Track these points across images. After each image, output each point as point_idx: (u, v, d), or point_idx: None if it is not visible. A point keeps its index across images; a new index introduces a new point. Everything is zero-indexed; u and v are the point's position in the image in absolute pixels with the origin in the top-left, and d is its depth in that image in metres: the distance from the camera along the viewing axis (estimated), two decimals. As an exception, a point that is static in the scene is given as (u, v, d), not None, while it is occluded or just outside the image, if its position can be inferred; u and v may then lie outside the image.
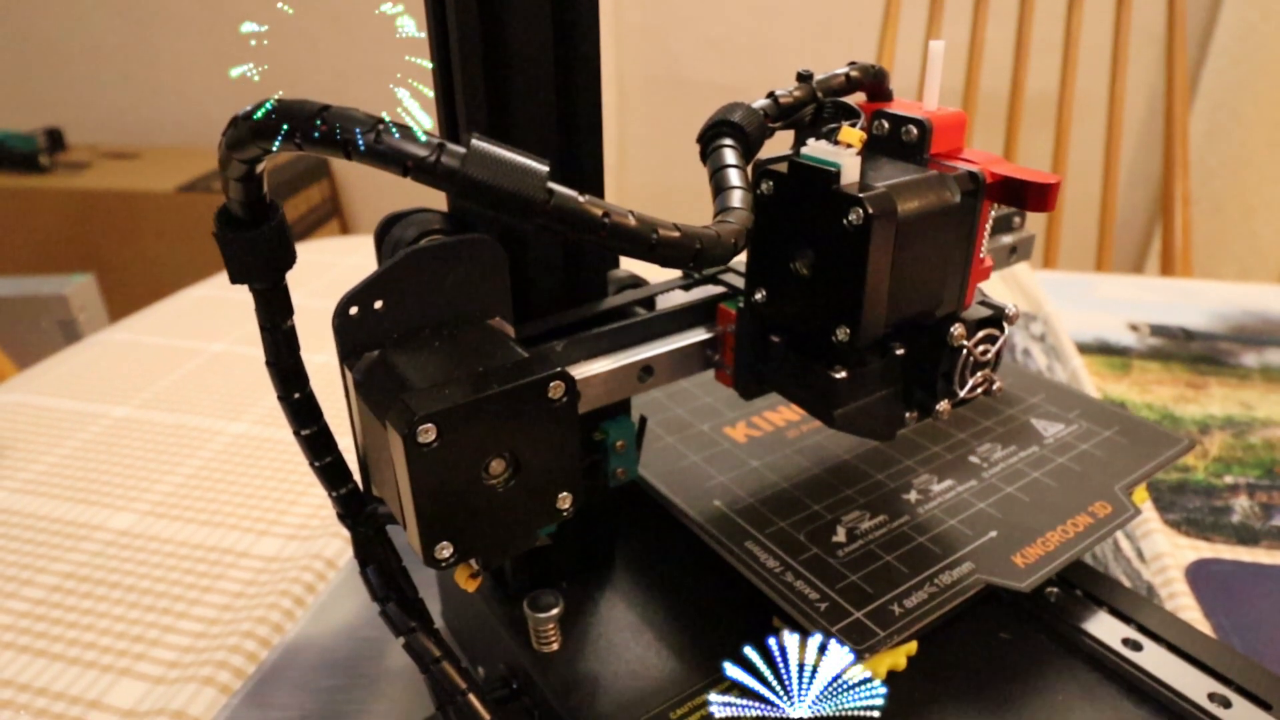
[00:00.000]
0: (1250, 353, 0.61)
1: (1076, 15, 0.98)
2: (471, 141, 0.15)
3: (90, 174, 1.55)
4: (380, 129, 0.15)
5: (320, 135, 0.15)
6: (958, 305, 0.25)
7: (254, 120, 0.15)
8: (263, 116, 0.15)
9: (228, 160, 0.17)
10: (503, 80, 0.23)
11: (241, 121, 0.16)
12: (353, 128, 0.15)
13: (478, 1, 0.21)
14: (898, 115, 0.24)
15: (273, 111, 0.15)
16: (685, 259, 0.17)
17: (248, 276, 0.19)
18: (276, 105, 0.15)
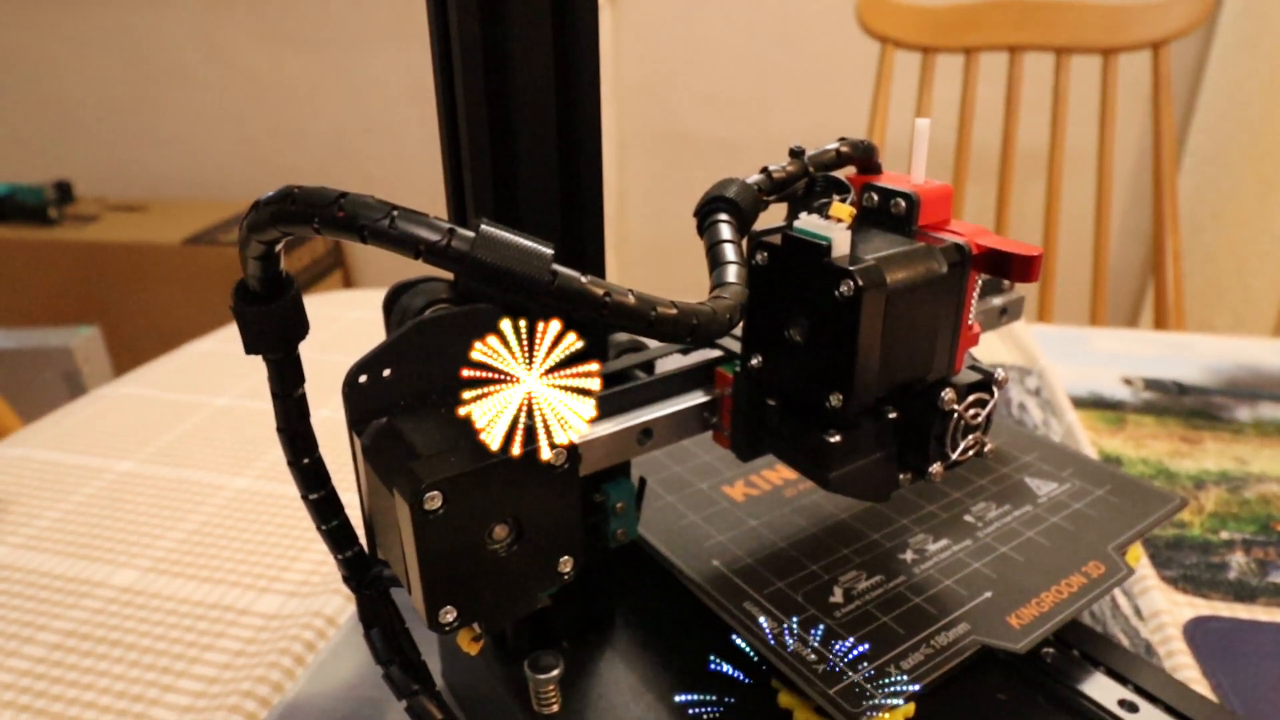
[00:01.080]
0: (1243, 406, 0.61)
1: (1064, 74, 1.00)
2: (480, 227, 0.16)
3: (98, 226, 1.57)
4: (394, 215, 0.16)
5: (337, 221, 0.16)
6: (948, 370, 0.25)
7: (275, 206, 0.16)
8: (283, 203, 0.16)
9: (247, 240, 0.18)
10: (510, 155, 0.24)
11: (263, 206, 0.17)
12: (368, 214, 0.16)
13: (483, 56, 0.22)
14: (887, 189, 0.25)
15: (292, 198, 0.16)
16: (682, 335, 0.18)
17: (262, 347, 0.20)
18: (297, 193, 0.16)
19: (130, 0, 1.78)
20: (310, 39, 1.74)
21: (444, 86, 0.23)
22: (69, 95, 1.87)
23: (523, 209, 0.24)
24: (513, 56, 0.22)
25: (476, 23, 0.21)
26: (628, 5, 1.58)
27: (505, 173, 0.24)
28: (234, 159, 1.86)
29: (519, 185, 0.24)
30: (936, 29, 1.02)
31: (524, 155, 0.24)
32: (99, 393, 0.66)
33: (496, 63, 0.23)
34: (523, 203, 0.24)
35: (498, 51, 0.22)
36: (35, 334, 1.06)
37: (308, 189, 0.16)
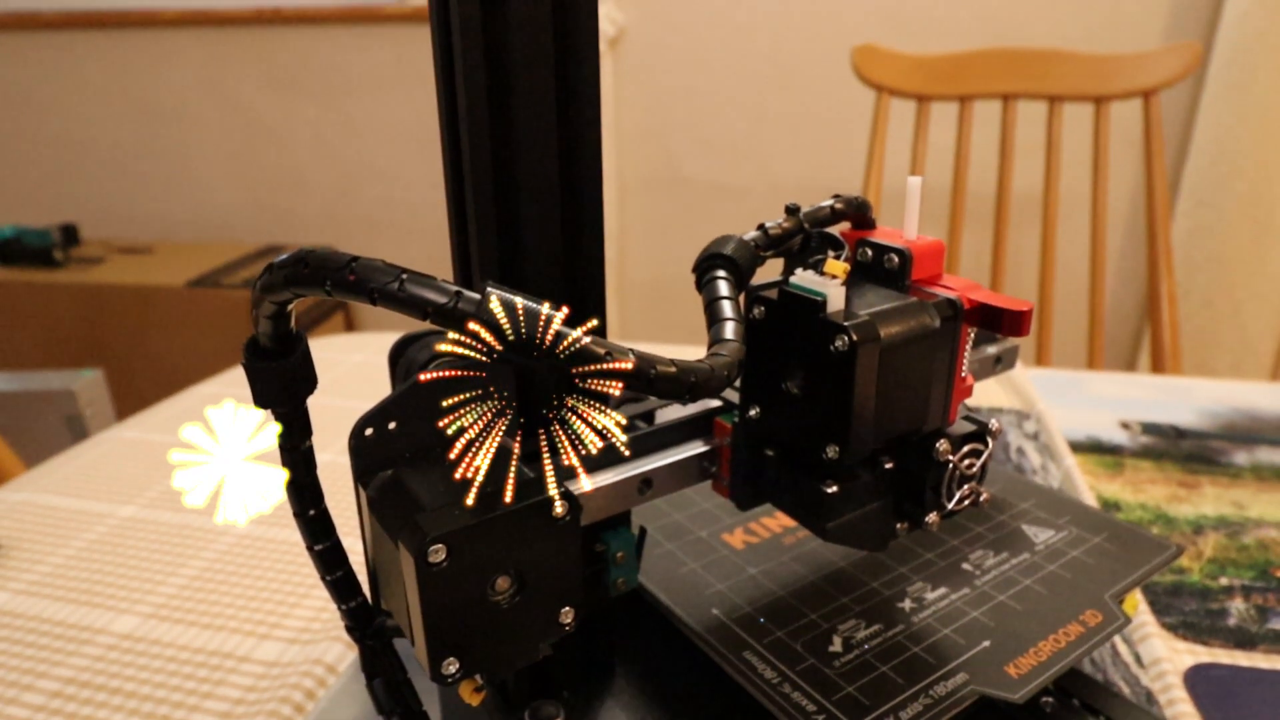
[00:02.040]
0: (1241, 451, 0.61)
1: (1056, 121, 1.02)
2: (487, 289, 0.17)
3: (103, 269, 1.59)
4: (403, 278, 0.17)
5: (348, 284, 0.17)
6: (942, 422, 0.26)
7: (289, 269, 0.17)
8: (296, 266, 0.17)
9: (260, 300, 0.18)
10: (513, 196, 0.24)
11: (277, 269, 0.17)
12: (378, 278, 0.17)
13: (487, 101, 0.23)
14: (880, 244, 0.26)
15: (305, 262, 0.17)
16: (681, 393, 0.19)
17: (272, 402, 0.21)
18: (310, 257, 0.17)
19: (140, 47, 1.82)
20: (316, 85, 1.77)
21: (449, 123, 0.24)
22: (78, 139, 1.90)
23: (526, 246, 0.25)
24: (516, 104, 0.23)
25: (483, 72, 0.22)
26: (628, 51, 1.61)
27: (509, 211, 0.25)
28: (239, 202, 1.89)
29: (521, 225, 0.25)
30: (930, 78, 1.04)
31: (527, 198, 0.24)
32: (102, 436, 0.66)
33: (501, 109, 0.23)
34: (526, 240, 0.25)
35: (502, 98, 0.23)
36: (38, 376, 1.07)
37: (320, 252, 0.17)
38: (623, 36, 1.60)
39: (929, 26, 1.48)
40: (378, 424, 0.22)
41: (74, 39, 1.84)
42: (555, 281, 0.26)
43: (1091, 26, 1.43)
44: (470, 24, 0.22)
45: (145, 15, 1.79)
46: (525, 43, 0.23)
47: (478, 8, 0.22)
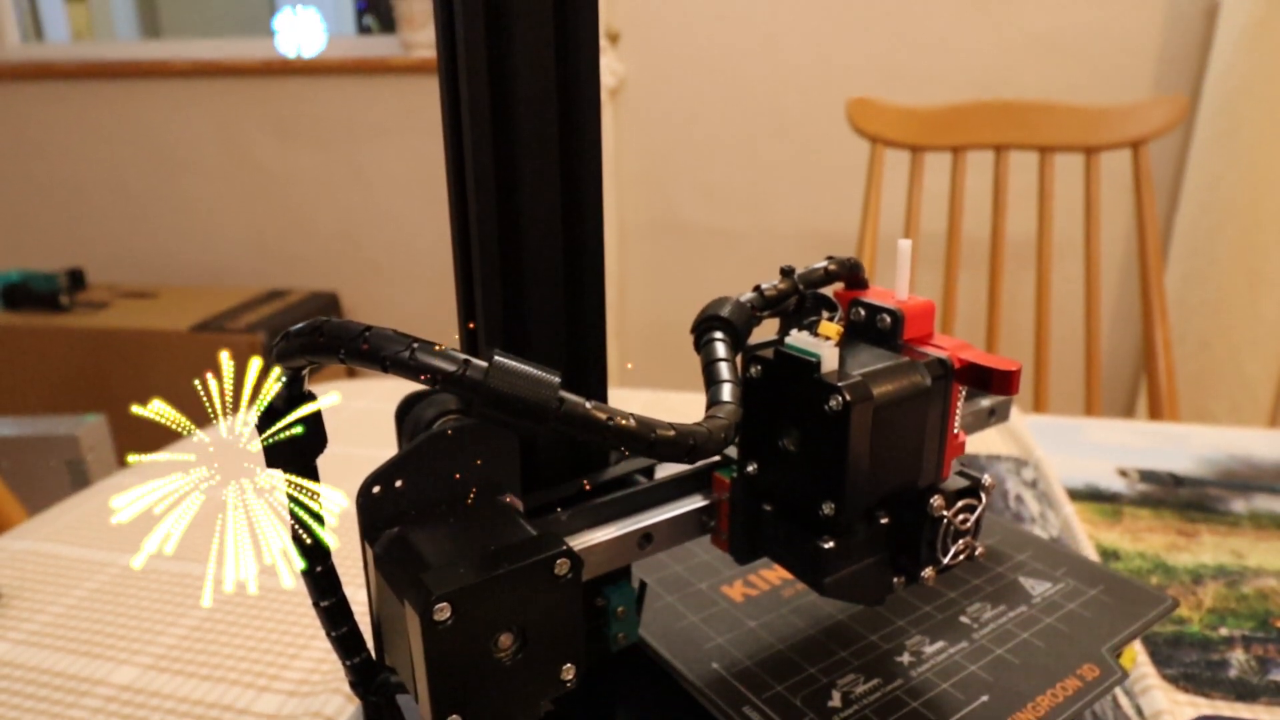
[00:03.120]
0: (1239, 499, 0.62)
1: (1048, 170, 1.04)
2: (494, 358, 0.18)
3: (108, 313, 1.60)
4: (414, 347, 0.17)
5: (362, 353, 0.17)
6: (936, 478, 0.26)
7: (305, 337, 0.18)
8: (312, 335, 0.17)
9: (275, 365, 0.19)
10: (517, 245, 0.25)
11: (293, 337, 0.18)
12: (390, 347, 0.17)
13: (493, 153, 0.24)
14: (873, 305, 0.27)
15: (321, 331, 0.17)
16: (680, 455, 0.19)
17: (283, 462, 0.21)
18: (326, 326, 0.17)
19: (153, 96, 1.85)
20: (322, 133, 1.81)
21: (455, 165, 0.25)
22: (87, 185, 1.93)
23: (529, 287, 0.26)
24: (521, 151, 0.24)
25: (488, 119, 0.24)
26: (628, 101, 1.64)
27: (512, 253, 0.26)
28: (244, 247, 1.91)
29: (525, 267, 0.26)
30: (924, 129, 1.06)
31: (530, 241, 0.26)
32: (104, 484, 0.67)
33: (505, 155, 0.25)
34: (529, 282, 0.26)
35: (507, 145, 0.24)
36: (41, 422, 1.08)
37: (335, 323, 0.18)
38: (623, 87, 1.64)
39: (922, 78, 1.52)
40: (385, 482, 0.22)
41: (88, 88, 1.87)
42: (557, 324, 0.26)
43: (1081, 79, 1.47)
44: (476, 73, 0.23)
45: (158, 66, 1.83)
46: (530, 91, 0.24)
47: (484, 58, 0.23)
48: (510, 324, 0.26)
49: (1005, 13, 1.46)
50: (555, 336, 0.26)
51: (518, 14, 0.24)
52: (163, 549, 0.47)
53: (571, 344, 0.27)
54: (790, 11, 1.53)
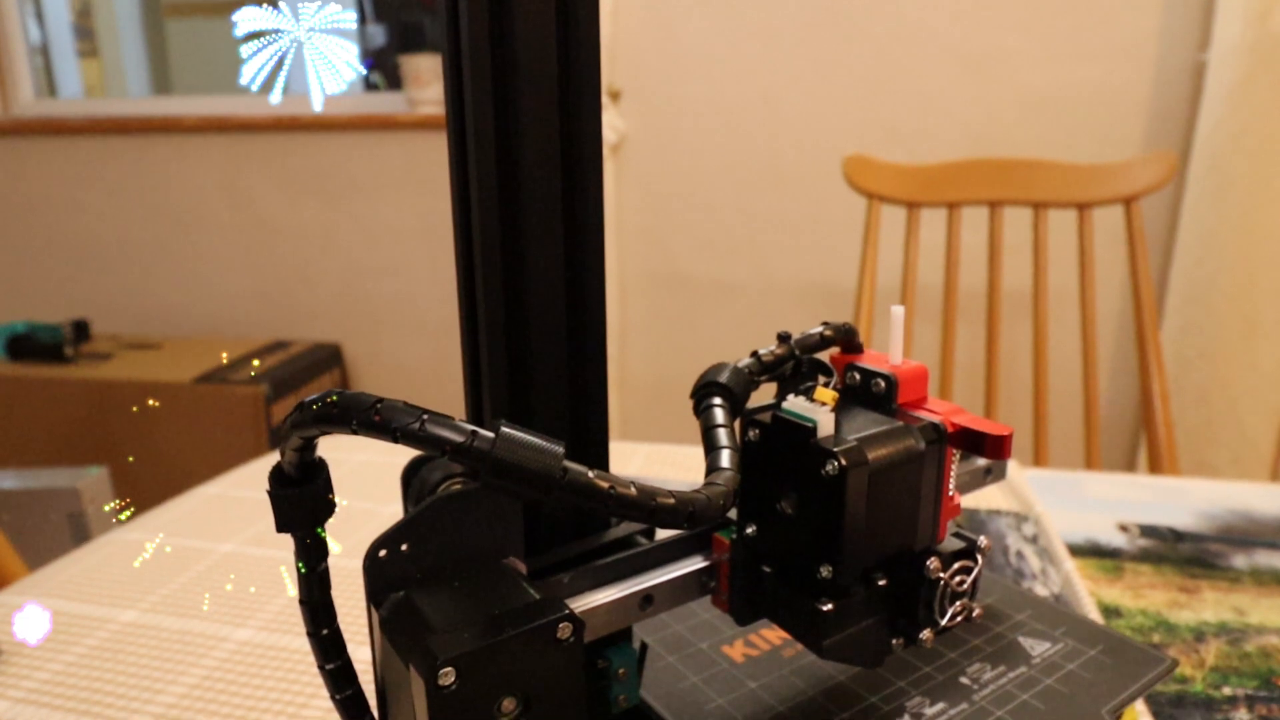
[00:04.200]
0: (1239, 554, 0.62)
1: (1042, 225, 1.06)
2: (500, 429, 0.18)
3: (111, 364, 1.61)
4: (424, 419, 0.18)
5: (374, 424, 0.18)
6: (932, 540, 0.27)
7: (318, 409, 0.18)
8: (326, 406, 0.18)
9: (289, 435, 0.20)
10: (520, 295, 0.26)
11: (307, 408, 0.19)
12: (401, 419, 0.18)
13: (500, 204, 0.25)
14: (868, 369, 0.27)
15: (334, 403, 0.18)
16: (680, 522, 0.20)
17: (293, 527, 0.22)
18: (339, 398, 0.18)
19: (161, 151, 1.89)
20: (327, 186, 1.84)
21: (462, 219, 0.26)
22: (95, 237, 1.96)
23: (532, 341, 0.27)
24: (525, 206, 0.26)
25: (494, 175, 0.25)
26: (629, 156, 1.68)
27: (516, 305, 0.27)
28: (248, 298, 1.93)
29: (529, 321, 0.27)
30: (919, 186, 1.08)
31: (535, 296, 0.27)
32: (105, 539, 0.67)
33: (510, 211, 0.26)
34: (533, 335, 0.27)
35: (512, 201, 0.25)
36: (43, 474, 1.08)
37: (348, 395, 0.18)
38: (624, 143, 1.67)
39: (917, 135, 1.55)
40: (391, 546, 0.23)
41: (99, 143, 1.91)
42: (559, 376, 0.27)
43: (1073, 136, 1.50)
44: (484, 130, 0.24)
45: (168, 121, 1.87)
46: (534, 147, 0.25)
47: (491, 116, 0.24)
48: (515, 375, 0.27)
49: (997, 72, 1.50)
50: (558, 387, 0.27)
51: (524, 74, 0.25)
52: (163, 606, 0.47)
53: (574, 398, 0.28)
54: (787, 70, 1.57)
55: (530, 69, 0.25)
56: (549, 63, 0.25)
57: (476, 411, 0.27)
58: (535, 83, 0.25)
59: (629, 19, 1.60)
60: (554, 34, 0.26)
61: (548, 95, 0.26)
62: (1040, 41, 1.48)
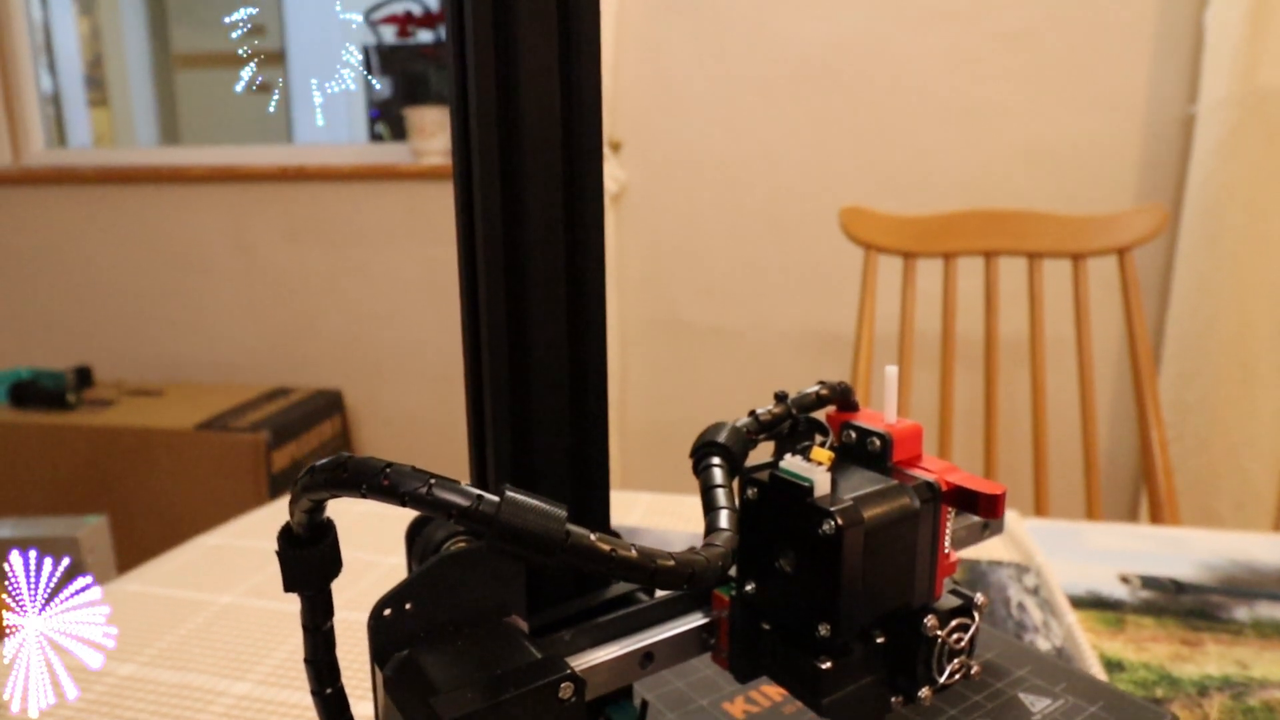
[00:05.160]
0: (1242, 606, 0.62)
1: (1037, 275, 1.07)
2: (505, 493, 0.19)
3: (113, 411, 1.62)
4: (431, 483, 0.19)
5: (383, 488, 0.19)
6: (929, 598, 0.27)
7: (329, 473, 0.19)
8: (336, 470, 0.19)
9: (299, 498, 0.20)
10: (523, 343, 0.27)
11: (318, 471, 0.19)
12: (409, 483, 0.19)
13: (504, 251, 0.26)
14: (863, 428, 0.28)
15: (344, 467, 0.19)
16: (680, 584, 0.20)
17: (301, 586, 0.22)
18: (349, 463, 0.19)
19: (168, 200, 1.92)
20: (331, 235, 1.86)
21: (468, 273, 0.27)
22: (100, 284, 1.98)
23: (535, 390, 0.27)
24: (530, 255, 0.26)
25: (500, 220, 0.26)
26: (629, 205, 1.70)
27: (520, 353, 0.27)
28: (252, 345, 1.94)
29: (532, 369, 0.27)
30: (915, 236, 1.10)
31: (538, 346, 0.27)
32: (106, 589, 0.66)
33: (515, 260, 0.26)
34: (535, 385, 0.27)
35: (516, 251, 0.26)
36: (43, 523, 1.08)
37: (358, 460, 0.19)
38: (624, 192, 1.70)
39: (913, 185, 1.58)
40: (395, 605, 0.23)
41: (108, 192, 1.94)
42: (562, 431, 0.28)
43: (1066, 187, 1.52)
44: (489, 181, 0.25)
45: (176, 171, 1.90)
46: (538, 197, 0.26)
47: (497, 168, 0.25)
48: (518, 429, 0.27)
49: (990, 125, 1.53)
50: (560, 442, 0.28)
51: (529, 127, 0.26)
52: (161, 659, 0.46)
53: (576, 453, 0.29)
54: (785, 122, 1.60)
55: (535, 121, 0.26)
56: (553, 114, 0.27)
57: (480, 466, 0.28)
58: (539, 134, 0.27)
59: (630, 72, 1.64)
60: (558, 87, 0.27)
61: (551, 145, 0.27)
62: (1032, 95, 1.51)
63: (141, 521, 1.47)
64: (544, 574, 0.28)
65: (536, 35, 0.26)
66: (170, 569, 0.70)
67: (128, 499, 1.49)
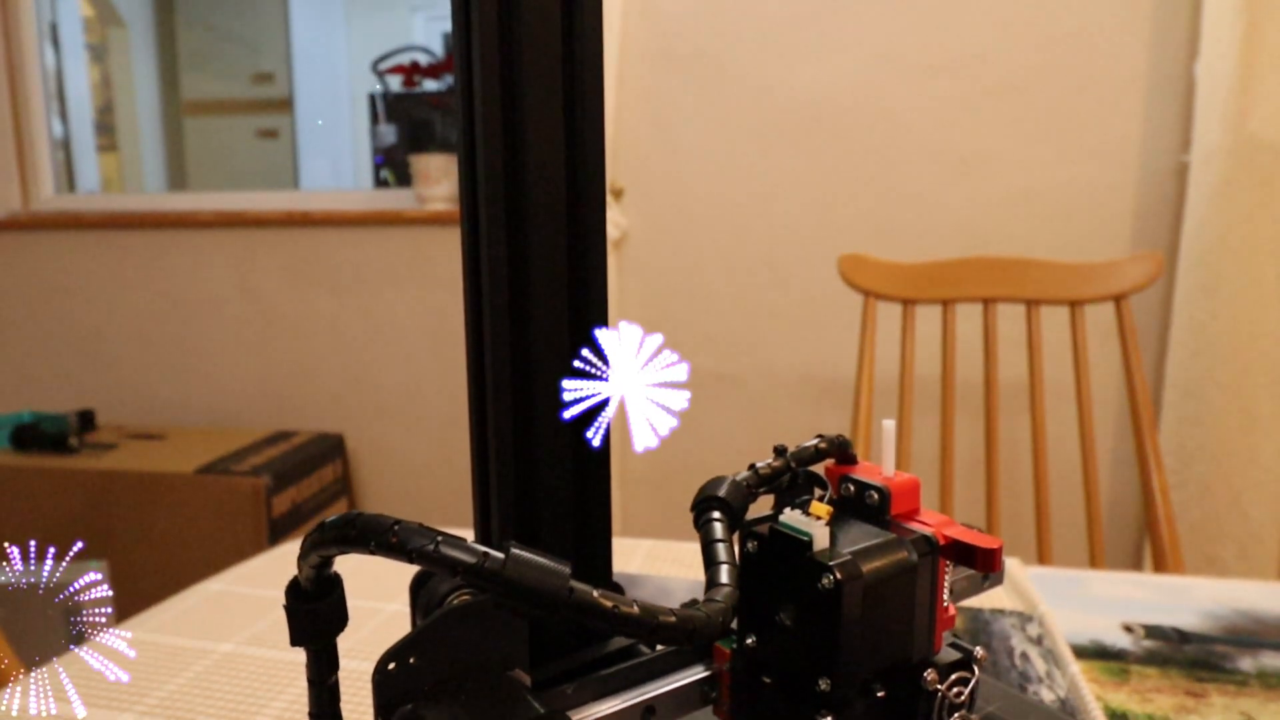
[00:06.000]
0: (1246, 656, 0.61)
1: (1035, 321, 1.08)
2: (510, 550, 0.19)
3: (115, 455, 1.62)
4: (439, 541, 0.19)
5: (391, 545, 0.19)
6: (929, 651, 0.27)
7: (338, 530, 0.19)
8: (345, 528, 0.19)
9: (308, 554, 0.21)
10: (527, 383, 0.27)
11: (328, 528, 0.20)
12: (417, 541, 0.19)
13: (509, 295, 0.27)
14: (862, 482, 0.29)
15: (354, 525, 0.19)
16: (681, 639, 0.21)
17: (307, 640, 0.22)
18: (358, 520, 0.19)
19: (174, 245, 1.94)
20: (335, 280, 1.88)
21: (474, 318, 0.27)
22: (106, 328, 1.99)
23: (540, 455, 0.28)
24: (534, 297, 0.27)
25: (505, 265, 0.26)
26: (630, 251, 1.72)
27: (524, 399, 0.28)
28: (254, 389, 1.94)
29: (536, 416, 0.28)
30: (913, 283, 1.11)
31: (541, 386, 0.28)
32: (103, 637, 0.66)
33: (520, 306, 0.27)
34: (540, 446, 0.28)
35: (521, 296, 0.27)
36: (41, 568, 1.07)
37: (367, 517, 0.19)
38: (625, 239, 1.72)
39: (911, 232, 1.59)
40: (400, 659, 0.24)
41: (114, 237, 1.97)
42: (564, 478, 0.28)
43: (1063, 235, 1.54)
44: (496, 224, 0.26)
45: (182, 217, 1.93)
46: (542, 242, 0.27)
47: (503, 213, 0.26)
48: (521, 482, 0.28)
49: (987, 173, 1.55)
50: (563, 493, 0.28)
51: (534, 174, 0.27)
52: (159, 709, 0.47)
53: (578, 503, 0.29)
54: (784, 170, 1.63)
55: (540, 168, 0.28)
56: (557, 162, 0.28)
57: (484, 516, 0.28)
58: (544, 180, 0.28)
59: (631, 119, 1.67)
60: (562, 137, 0.28)
61: (556, 192, 0.28)
62: (1028, 144, 1.54)
63: (141, 565, 1.46)
64: (546, 627, 0.28)
65: (542, 87, 0.27)
66: (170, 616, 0.69)
67: (128, 543, 1.48)
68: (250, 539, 1.44)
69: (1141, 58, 1.49)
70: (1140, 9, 1.48)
